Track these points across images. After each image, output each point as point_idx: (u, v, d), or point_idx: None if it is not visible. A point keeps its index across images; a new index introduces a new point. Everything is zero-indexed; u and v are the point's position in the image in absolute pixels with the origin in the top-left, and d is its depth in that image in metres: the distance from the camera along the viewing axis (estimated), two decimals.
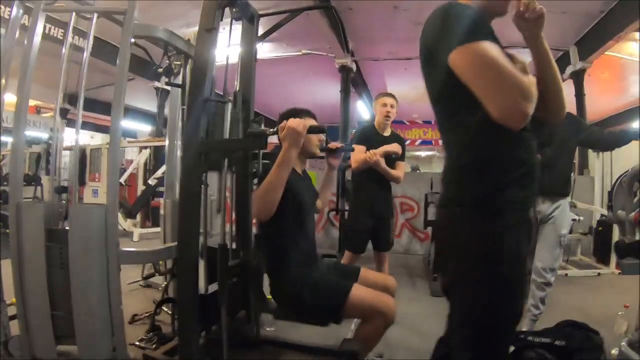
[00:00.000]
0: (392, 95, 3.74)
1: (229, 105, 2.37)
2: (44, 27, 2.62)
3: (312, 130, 2.13)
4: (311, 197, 2.55)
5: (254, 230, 2.68)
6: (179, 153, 3.34)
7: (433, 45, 1.39)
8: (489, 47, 1.24)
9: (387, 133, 3.74)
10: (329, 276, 2.37)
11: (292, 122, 2.06)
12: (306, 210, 2.43)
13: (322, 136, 2.49)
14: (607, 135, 3.54)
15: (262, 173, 2.23)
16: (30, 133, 9.53)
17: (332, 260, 2.75)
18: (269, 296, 2.42)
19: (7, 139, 2.76)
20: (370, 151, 3.42)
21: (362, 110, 13.31)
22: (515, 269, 1.34)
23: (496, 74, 1.22)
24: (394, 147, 3.56)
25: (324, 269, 2.45)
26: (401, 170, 3.69)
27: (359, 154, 3.45)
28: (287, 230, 2.30)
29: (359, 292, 2.18)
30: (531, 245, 1.47)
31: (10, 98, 2.64)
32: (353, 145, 3.31)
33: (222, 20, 2.46)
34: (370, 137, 3.63)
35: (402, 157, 3.69)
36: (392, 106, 3.66)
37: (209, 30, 2.31)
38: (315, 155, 2.48)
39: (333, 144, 2.61)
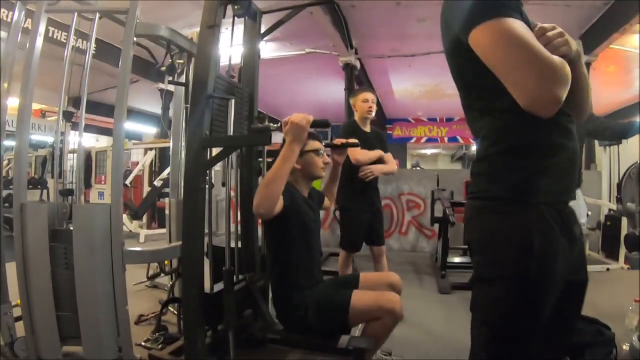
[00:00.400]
0: (372, 91, 3.80)
1: (232, 102, 2.35)
2: (47, 30, 2.62)
3: (315, 124, 2.11)
4: (317, 218, 2.54)
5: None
6: (183, 153, 3.33)
7: (452, 23, 1.27)
8: (514, 24, 1.11)
9: (367, 129, 3.81)
10: (328, 291, 2.37)
11: (295, 116, 2.05)
12: (310, 232, 2.42)
13: (327, 158, 2.50)
14: (615, 125, 3.50)
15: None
16: (36, 137, 9.58)
17: (332, 277, 2.75)
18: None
19: (13, 143, 2.76)
20: (368, 168, 3.55)
21: None
22: (546, 268, 1.20)
23: (522, 55, 1.08)
24: (390, 167, 3.74)
25: (324, 287, 2.45)
26: (392, 162, 3.79)
27: (361, 152, 3.50)
28: (291, 253, 2.31)
29: (359, 297, 2.20)
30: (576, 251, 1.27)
31: (14, 102, 2.64)
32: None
33: (224, 17, 2.45)
34: (357, 133, 3.62)
35: (387, 149, 3.79)
36: (372, 102, 3.72)
37: (211, 27, 2.30)
38: (319, 177, 2.47)
39: (338, 140, 2.61)
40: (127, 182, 8.16)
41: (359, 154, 3.51)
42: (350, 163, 3.50)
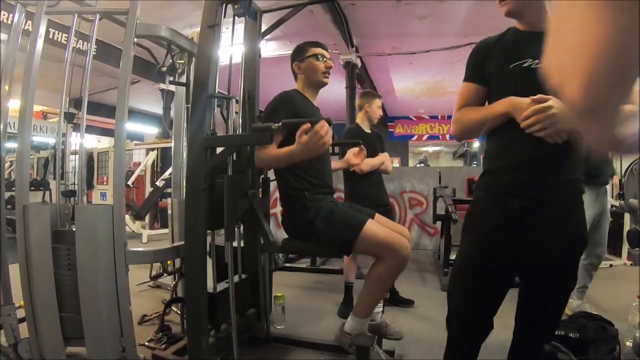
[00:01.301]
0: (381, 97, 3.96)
1: (234, 102, 2.35)
2: (48, 31, 2.62)
3: (316, 123, 2.10)
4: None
5: None
6: (185, 153, 3.33)
7: None
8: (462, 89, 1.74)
9: (368, 130, 3.93)
10: (344, 207, 2.34)
11: (322, 129, 1.96)
12: None
13: (330, 62, 2.52)
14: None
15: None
16: (38, 138, 9.59)
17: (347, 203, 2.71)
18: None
19: (14, 145, 2.77)
20: (364, 162, 3.56)
21: None
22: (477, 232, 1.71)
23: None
24: (379, 160, 3.77)
25: (339, 203, 2.42)
26: (387, 160, 3.87)
27: (364, 163, 3.57)
28: (307, 161, 2.25)
29: (373, 227, 2.15)
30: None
31: (16, 104, 2.64)
32: (354, 149, 3.46)
33: (224, 16, 2.45)
34: (361, 136, 3.73)
35: (384, 148, 3.92)
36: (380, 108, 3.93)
37: (211, 26, 2.30)
38: (323, 83, 2.49)
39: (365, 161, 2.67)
40: (130, 182, 8.17)
41: (362, 165, 3.57)
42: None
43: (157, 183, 7.87)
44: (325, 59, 2.47)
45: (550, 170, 1.56)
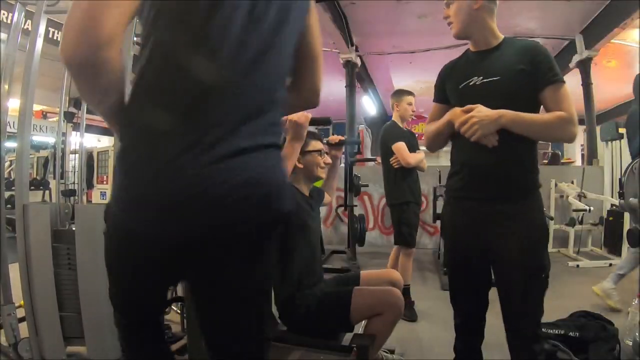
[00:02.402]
0: (414, 95, 3.94)
1: None
2: (48, 31, 2.62)
3: (316, 121, 2.11)
4: (317, 216, 2.54)
5: None
6: None
7: None
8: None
9: (405, 126, 3.95)
10: (329, 290, 2.37)
11: (294, 114, 2.03)
12: (312, 230, 2.42)
13: (328, 159, 2.49)
14: None
15: None
16: (37, 138, 9.59)
17: (333, 276, 2.73)
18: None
19: (14, 145, 2.77)
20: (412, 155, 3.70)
21: (368, 105, 13.27)
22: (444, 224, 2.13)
23: None
24: (418, 157, 3.80)
25: (324, 286, 2.44)
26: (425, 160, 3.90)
27: (411, 156, 3.70)
28: (291, 252, 2.28)
29: (360, 293, 2.20)
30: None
31: (15, 103, 2.64)
32: (400, 144, 3.68)
33: None
34: (403, 132, 3.85)
35: (418, 147, 3.92)
36: (414, 104, 3.91)
37: None
38: (320, 178, 2.47)
39: (333, 138, 2.61)
40: None
41: (410, 158, 3.67)
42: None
43: None
44: (323, 153, 2.43)
45: (492, 170, 1.76)
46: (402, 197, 3.79)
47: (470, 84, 1.79)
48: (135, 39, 2.50)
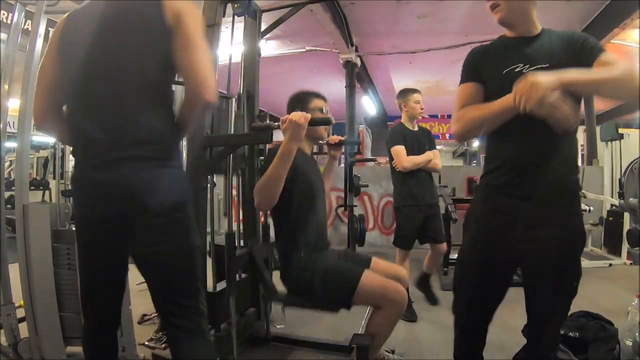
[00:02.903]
0: (420, 91, 3.88)
1: (233, 101, 2.35)
2: (47, 31, 2.62)
3: (315, 122, 2.10)
4: (319, 179, 2.51)
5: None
6: (184, 152, 3.33)
7: None
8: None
9: (415, 128, 3.89)
10: (339, 262, 2.34)
11: (294, 115, 2.02)
12: (316, 191, 2.39)
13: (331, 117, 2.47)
14: None
15: (265, 163, 2.18)
16: (37, 138, 9.57)
17: (342, 249, 2.71)
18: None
19: (14, 145, 2.77)
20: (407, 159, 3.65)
21: (368, 105, 13.28)
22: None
23: None
24: (425, 158, 3.74)
25: (335, 256, 2.41)
26: (437, 157, 3.86)
27: (409, 157, 3.67)
28: (298, 211, 2.27)
29: (370, 278, 2.15)
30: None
31: (15, 103, 2.64)
32: (397, 147, 3.64)
33: (224, 16, 2.45)
34: (406, 134, 3.78)
35: (434, 146, 3.90)
36: (422, 102, 3.84)
37: (211, 25, 2.30)
38: (322, 138, 2.46)
39: (333, 138, 2.61)
40: None
41: (405, 162, 3.63)
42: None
43: None
44: (327, 112, 2.41)
45: (540, 169, 1.62)
46: (399, 201, 3.79)
47: (516, 70, 1.62)
48: None
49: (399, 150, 3.65)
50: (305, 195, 2.29)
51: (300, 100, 2.39)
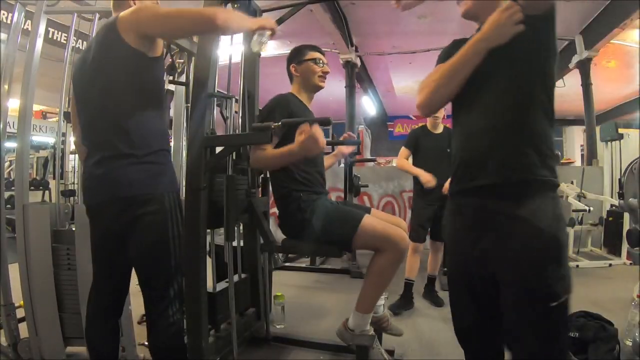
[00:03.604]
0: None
1: (233, 101, 2.35)
2: (48, 31, 2.62)
3: (317, 122, 2.09)
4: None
5: None
6: (184, 152, 3.33)
7: None
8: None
9: (438, 130, 4.01)
10: (340, 205, 2.36)
11: (318, 133, 1.96)
12: None
13: (327, 68, 2.51)
14: None
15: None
16: (37, 138, 9.58)
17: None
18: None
19: (14, 145, 2.77)
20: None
21: (368, 105, 13.27)
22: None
23: None
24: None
25: (334, 201, 2.43)
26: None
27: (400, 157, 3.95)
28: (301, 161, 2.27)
29: (370, 220, 2.16)
30: None
31: (15, 103, 2.64)
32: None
33: None
34: (420, 138, 3.93)
35: None
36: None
37: None
38: (319, 87, 2.49)
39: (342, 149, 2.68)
40: None
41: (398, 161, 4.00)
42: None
43: None
44: (323, 64, 2.47)
45: (489, 153, 1.41)
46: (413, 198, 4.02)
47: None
48: None
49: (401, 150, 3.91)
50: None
51: (296, 53, 2.47)
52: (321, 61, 2.47)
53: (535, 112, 1.39)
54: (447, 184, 2.16)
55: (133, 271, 1.92)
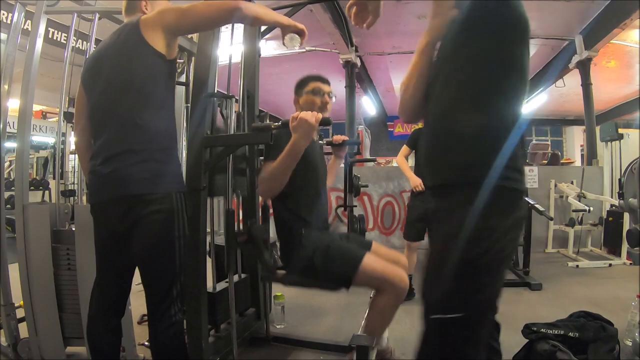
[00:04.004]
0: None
1: (233, 101, 2.35)
2: (48, 31, 2.62)
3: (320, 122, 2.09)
4: (323, 163, 2.50)
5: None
6: (184, 153, 3.33)
7: None
8: None
9: None
10: (342, 241, 2.32)
11: (305, 113, 1.99)
12: (318, 173, 2.40)
13: (328, 98, 2.42)
14: None
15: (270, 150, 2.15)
16: (37, 138, 9.58)
17: (344, 232, 2.70)
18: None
19: (14, 145, 2.77)
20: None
21: (368, 105, 13.27)
22: None
23: None
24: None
25: (337, 236, 2.40)
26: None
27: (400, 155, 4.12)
28: (300, 191, 2.26)
29: (371, 260, 2.14)
30: None
31: (15, 103, 2.64)
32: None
33: None
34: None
35: None
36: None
37: None
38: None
39: (337, 138, 2.61)
40: None
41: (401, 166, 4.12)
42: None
43: None
44: (323, 94, 2.39)
45: (425, 149, 1.42)
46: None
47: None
48: None
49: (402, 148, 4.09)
50: (307, 176, 2.28)
51: (298, 85, 2.43)
52: (321, 91, 2.38)
53: (463, 118, 1.28)
54: None
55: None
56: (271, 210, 2.48)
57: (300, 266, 2.22)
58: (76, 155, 2.66)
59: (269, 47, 8.42)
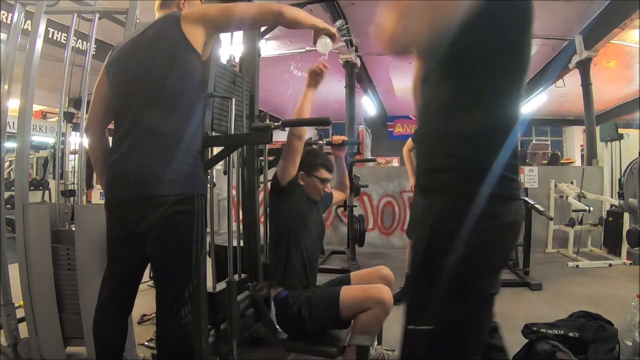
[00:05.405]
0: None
1: (233, 101, 2.35)
2: (48, 31, 2.62)
3: (317, 122, 2.13)
4: (317, 226, 2.57)
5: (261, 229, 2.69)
6: None
7: None
8: None
9: None
10: (319, 290, 2.42)
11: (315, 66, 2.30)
12: (312, 236, 2.48)
13: (329, 188, 2.56)
14: None
15: None
16: (37, 138, 9.58)
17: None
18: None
19: (14, 145, 2.77)
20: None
21: (368, 105, 13.27)
22: None
23: None
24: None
25: (316, 287, 2.49)
26: None
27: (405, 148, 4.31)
28: (290, 256, 2.36)
29: (348, 291, 2.25)
30: None
31: (15, 103, 2.64)
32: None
33: None
34: None
35: None
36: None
37: None
38: (315, 200, 2.54)
39: (336, 138, 2.64)
40: None
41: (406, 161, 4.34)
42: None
43: None
44: (327, 183, 2.52)
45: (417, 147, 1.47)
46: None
47: None
48: None
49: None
50: (300, 239, 2.38)
51: (309, 163, 2.46)
52: (327, 181, 2.51)
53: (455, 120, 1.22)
54: None
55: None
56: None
57: (295, 324, 2.30)
58: (76, 155, 2.67)
59: (269, 47, 8.43)
